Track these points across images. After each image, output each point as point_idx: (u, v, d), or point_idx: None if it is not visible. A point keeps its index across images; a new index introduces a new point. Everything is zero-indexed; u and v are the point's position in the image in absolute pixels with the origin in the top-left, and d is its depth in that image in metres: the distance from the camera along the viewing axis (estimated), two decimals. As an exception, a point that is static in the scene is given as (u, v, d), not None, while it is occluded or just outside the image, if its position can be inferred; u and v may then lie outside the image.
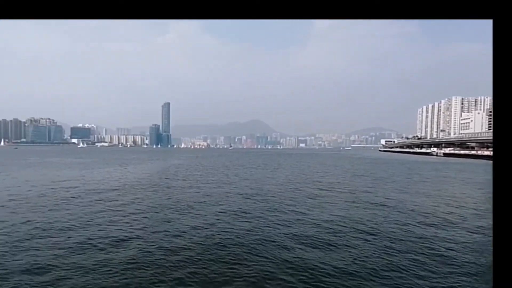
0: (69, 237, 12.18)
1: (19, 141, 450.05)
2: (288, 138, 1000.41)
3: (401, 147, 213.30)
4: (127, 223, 14.58)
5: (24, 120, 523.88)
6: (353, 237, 12.93)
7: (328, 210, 18.25)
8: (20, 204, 18.64)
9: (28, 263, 9.54)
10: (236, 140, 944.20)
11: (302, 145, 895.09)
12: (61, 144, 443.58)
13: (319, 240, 12.43)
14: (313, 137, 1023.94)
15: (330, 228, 14.16)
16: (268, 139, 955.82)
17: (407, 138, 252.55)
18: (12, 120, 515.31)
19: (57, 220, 14.65)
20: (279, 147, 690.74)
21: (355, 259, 10.40)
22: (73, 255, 10.25)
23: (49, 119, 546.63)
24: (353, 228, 14.26)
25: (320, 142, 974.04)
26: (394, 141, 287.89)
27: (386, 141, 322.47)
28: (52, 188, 25.15)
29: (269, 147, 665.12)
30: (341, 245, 11.89)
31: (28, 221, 14.44)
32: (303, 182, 32.97)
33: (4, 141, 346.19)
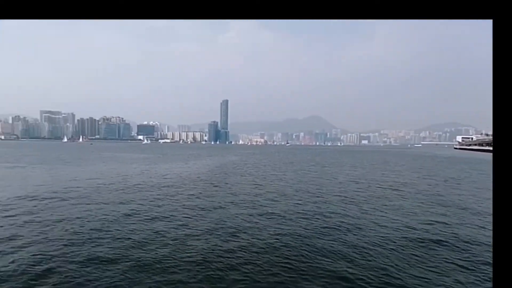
0: (135, 229, 13.50)
1: (93, 137, 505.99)
2: (349, 134, 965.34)
3: (481, 144, 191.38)
4: (190, 217, 15.65)
5: (98, 119, 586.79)
6: (420, 239, 12.40)
7: (393, 211, 17.54)
8: (96, 195, 21.44)
9: (98, 252, 10.71)
10: (293, 136, 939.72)
11: (364, 142, 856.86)
12: (128, 141, 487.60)
13: (381, 243, 12.07)
14: (377, 134, 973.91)
15: (394, 229, 13.72)
16: (328, 136, 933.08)
17: (487, 135, 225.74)
18: (88, 119, 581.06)
19: (126, 212, 16.39)
20: (339, 144, 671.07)
21: (422, 263, 10.07)
22: (138, 248, 11.22)
23: (119, 117, 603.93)
24: (423, 230, 13.64)
25: (385, 139, 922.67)
26: (472, 138, 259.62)
27: (462, 138, 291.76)
28: (122, 181, 28.35)
29: (329, 144, 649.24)
30: (402, 247, 11.55)
31: (103, 212, 16.32)
32: (366, 181, 31.95)
33: (82, 138, 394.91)
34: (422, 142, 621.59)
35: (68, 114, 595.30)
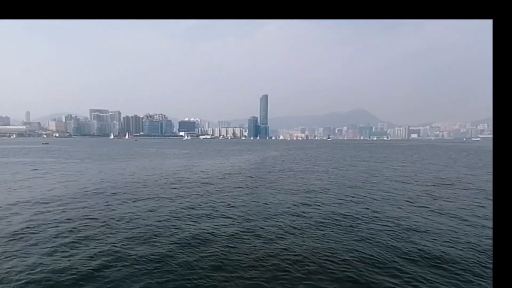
0: (182, 225, 14.38)
1: (138, 134, 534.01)
2: (396, 128, 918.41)
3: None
4: (235, 214, 16.14)
5: (142, 116, 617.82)
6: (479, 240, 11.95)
7: (450, 210, 16.91)
8: (144, 190, 23.17)
9: (148, 248, 11.20)
10: (336, 131, 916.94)
11: (414, 135, 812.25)
12: (170, 137, 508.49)
13: (441, 246, 11.84)
14: (427, 127, 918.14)
15: (450, 229, 13.37)
16: (373, 130, 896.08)
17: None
18: (133, 116, 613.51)
19: (172, 208, 17.44)
20: (385, 138, 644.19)
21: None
22: (186, 244, 11.70)
23: (161, 114, 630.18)
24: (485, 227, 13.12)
25: (437, 132, 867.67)
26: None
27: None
28: (167, 177, 30.31)
29: (374, 138, 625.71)
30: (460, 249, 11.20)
31: (149, 208, 17.28)
32: (416, 177, 30.77)
33: (128, 135, 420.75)
34: (480, 136, 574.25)
35: (115, 112, 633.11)
